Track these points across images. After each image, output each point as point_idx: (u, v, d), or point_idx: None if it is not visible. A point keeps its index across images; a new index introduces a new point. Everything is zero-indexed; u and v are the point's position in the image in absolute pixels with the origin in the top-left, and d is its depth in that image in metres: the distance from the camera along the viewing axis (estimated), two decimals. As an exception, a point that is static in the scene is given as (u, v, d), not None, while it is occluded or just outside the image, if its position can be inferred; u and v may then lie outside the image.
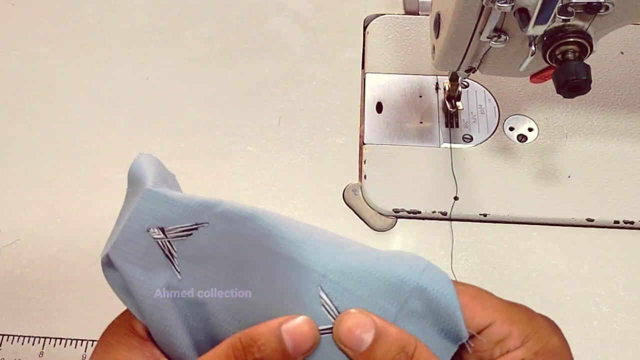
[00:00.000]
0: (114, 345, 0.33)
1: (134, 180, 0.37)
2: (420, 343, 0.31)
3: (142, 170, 0.37)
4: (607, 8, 0.43)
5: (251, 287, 0.33)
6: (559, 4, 0.42)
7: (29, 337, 0.52)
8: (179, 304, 0.34)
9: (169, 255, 0.34)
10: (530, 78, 0.51)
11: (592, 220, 0.57)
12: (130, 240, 0.34)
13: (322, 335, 0.32)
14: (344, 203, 0.59)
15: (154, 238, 0.34)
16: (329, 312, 0.32)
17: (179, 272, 0.34)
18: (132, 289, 0.34)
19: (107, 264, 0.35)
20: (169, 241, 0.34)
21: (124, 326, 0.34)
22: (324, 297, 0.32)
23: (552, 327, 0.33)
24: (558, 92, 0.46)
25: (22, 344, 0.52)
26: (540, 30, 0.44)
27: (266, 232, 0.33)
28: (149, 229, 0.34)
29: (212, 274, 0.34)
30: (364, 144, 0.61)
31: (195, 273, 0.34)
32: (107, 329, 0.34)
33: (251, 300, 0.33)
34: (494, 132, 0.62)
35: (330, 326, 0.32)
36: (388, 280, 0.32)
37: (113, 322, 0.35)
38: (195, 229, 0.34)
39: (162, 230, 0.34)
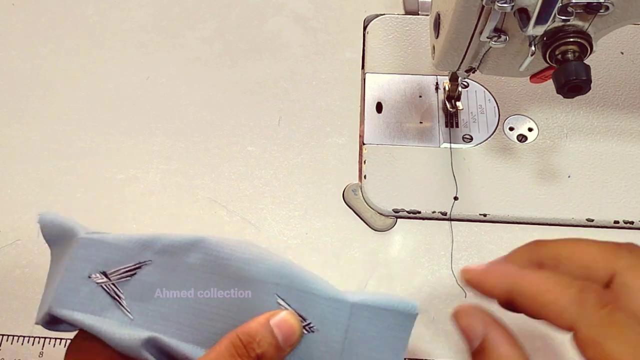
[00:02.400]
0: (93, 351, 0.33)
1: (56, 239, 0.36)
2: None
3: (61, 226, 0.36)
4: (607, 8, 0.43)
5: (206, 312, 0.34)
6: (559, 4, 0.42)
7: (29, 337, 0.52)
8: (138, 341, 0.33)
9: (115, 297, 0.34)
10: (530, 78, 0.51)
11: (592, 220, 0.57)
12: (72, 289, 0.34)
13: None
14: (344, 203, 0.59)
15: (97, 283, 0.34)
16: None
17: (129, 312, 0.34)
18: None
19: (50, 322, 0.34)
20: (113, 284, 0.34)
21: (92, 339, 0.33)
22: (282, 302, 0.33)
23: None
24: (558, 92, 0.46)
25: (22, 344, 0.52)
26: (540, 30, 0.44)
27: (211, 257, 0.34)
28: (90, 275, 0.34)
29: (164, 309, 0.34)
30: (364, 144, 0.61)
31: (146, 311, 0.34)
32: (73, 343, 0.34)
33: (209, 324, 0.33)
34: (494, 132, 0.62)
35: None
36: (332, 290, 0.34)
37: (76, 337, 0.34)
38: (139, 267, 0.34)
39: (104, 274, 0.34)
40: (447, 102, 0.61)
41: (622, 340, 0.26)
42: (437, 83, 0.65)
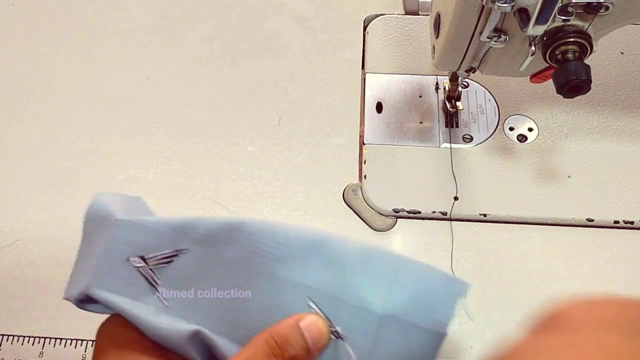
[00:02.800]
0: (126, 346, 0.32)
1: (95, 219, 0.36)
2: None
3: (105, 209, 0.36)
4: (607, 8, 0.43)
5: (238, 306, 0.34)
6: (559, 4, 0.42)
7: (29, 337, 0.52)
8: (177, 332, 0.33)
9: (153, 283, 0.34)
10: (530, 78, 0.51)
11: (592, 220, 0.57)
12: (110, 271, 0.34)
13: None
14: (344, 203, 0.59)
15: (135, 267, 0.34)
16: None
17: (165, 300, 0.34)
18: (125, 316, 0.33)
19: (83, 300, 0.34)
20: (150, 269, 0.34)
21: (126, 325, 0.33)
22: (313, 306, 0.33)
23: None
24: (558, 92, 0.46)
25: (22, 344, 0.52)
26: (540, 30, 0.44)
27: (247, 253, 0.33)
28: (129, 258, 0.34)
29: (198, 300, 0.34)
30: (364, 144, 0.61)
31: (180, 300, 0.34)
32: (106, 327, 0.34)
33: (240, 319, 0.33)
34: (494, 132, 0.62)
35: None
36: (367, 285, 0.33)
37: (108, 321, 0.34)
38: (175, 255, 0.34)
39: (143, 258, 0.34)
40: (447, 102, 0.61)
41: None
42: (437, 83, 0.65)
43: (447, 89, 0.61)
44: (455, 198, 0.58)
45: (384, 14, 0.70)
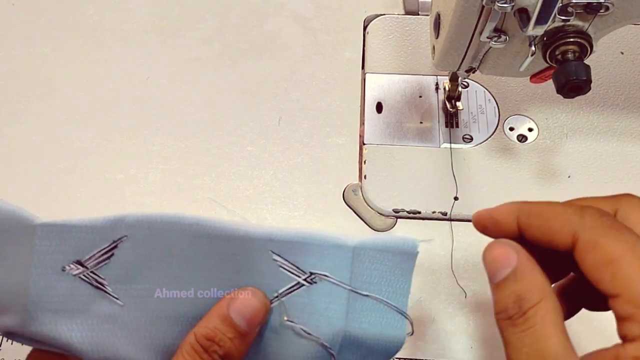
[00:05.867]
0: None
1: None
2: (545, 303, 0.30)
3: (4, 213, 0.32)
4: (607, 8, 0.43)
5: (199, 281, 0.31)
6: (559, 4, 0.42)
7: (29, 337, 0.52)
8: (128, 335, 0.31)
9: (99, 286, 0.31)
10: (530, 78, 0.51)
11: (592, 220, 0.57)
12: (48, 287, 0.30)
13: (295, 292, 0.32)
14: (344, 203, 0.59)
15: (74, 275, 0.31)
16: (288, 271, 0.32)
17: (117, 299, 0.31)
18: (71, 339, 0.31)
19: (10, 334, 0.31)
20: (92, 272, 0.31)
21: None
22: (278, 258, 0.32)
23: None
24: (558, 92, 0.46)
25: (22, 344, 0.52)
26: (540, 30, 0.44)
27: (191, 224, 0.31)
28: (64, 267, 0.31)
29: (152, 285, 0.31)
30: (364, 144, 0.61)
31: (134, 292, 0.31)
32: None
33: (205, 293, 0.32)
34: (494, 132, 0.62)
35: (296, 282, 0.32)
36: (331, 236, 0.32)
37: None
38: (115, 247, 0.31)
39: (80, 263, 0.31)
40: (447, 102, 0.61)
41: (622, 239, 0.28)
42: (437, 83, 0.65)
43: (447, 89, 0.61)
44: (455, 198, 0.58)
45: (384, 14, 0.71)
